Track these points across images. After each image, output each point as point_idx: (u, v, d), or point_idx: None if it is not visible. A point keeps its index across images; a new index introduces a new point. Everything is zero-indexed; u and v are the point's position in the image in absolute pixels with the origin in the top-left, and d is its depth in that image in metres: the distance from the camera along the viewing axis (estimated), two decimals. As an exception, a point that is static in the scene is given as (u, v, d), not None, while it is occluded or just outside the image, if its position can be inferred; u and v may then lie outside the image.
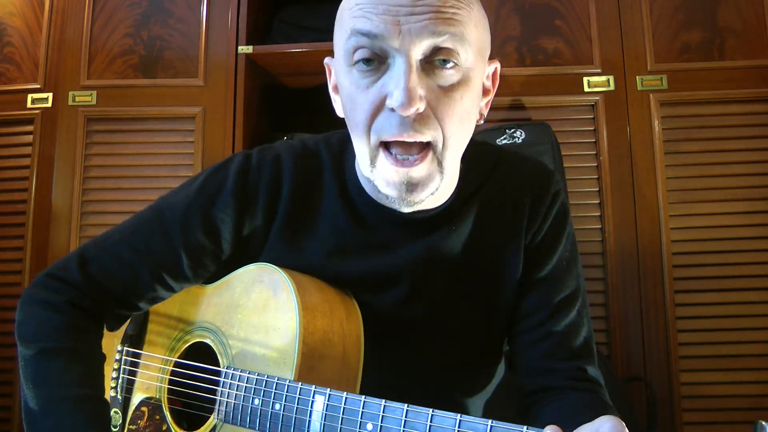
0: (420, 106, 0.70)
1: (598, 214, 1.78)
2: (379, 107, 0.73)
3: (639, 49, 1.83)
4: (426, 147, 0.74)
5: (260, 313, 0.82)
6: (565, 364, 0.86)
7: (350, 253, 0.87)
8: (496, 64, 0.82)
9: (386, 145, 0.74)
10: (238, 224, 0.87)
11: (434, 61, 0.72)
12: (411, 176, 0.74)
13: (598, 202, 1.79)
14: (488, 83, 0.83)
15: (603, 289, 1.75)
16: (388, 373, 0.86)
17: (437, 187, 0.77)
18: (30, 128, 1.94)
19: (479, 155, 0.88)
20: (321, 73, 2.22)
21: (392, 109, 0.71)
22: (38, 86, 1.96)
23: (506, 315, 0.91)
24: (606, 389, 0.88)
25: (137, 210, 0.91)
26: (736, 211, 1.74)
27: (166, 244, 0.86)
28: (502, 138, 1.78)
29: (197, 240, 0.86)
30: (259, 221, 0.87)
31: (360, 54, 0.72)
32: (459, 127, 0.75)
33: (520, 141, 1.76)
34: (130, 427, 0.94)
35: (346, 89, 0.76)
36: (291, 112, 2.19)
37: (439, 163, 0.75)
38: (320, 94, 2.08)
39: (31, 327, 0.84)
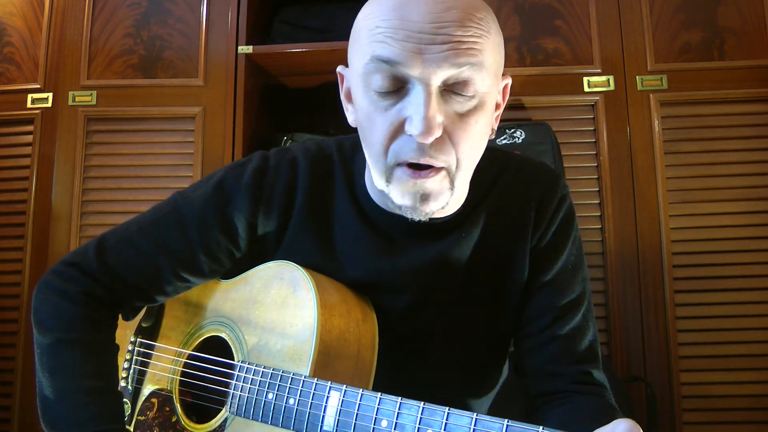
0: (438, 133, 0.71)
1: (598, 214, 1.78)
2: (397, 130, 0.74)
3: (639, 49, 1.83)
4: (441, 168, 0.75)
5: (278, 310, 0.83)
6: (570, 367, 0.87)
7: (362, 257, 0.88)
8: (508, 80, 0.83)
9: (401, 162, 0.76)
10: (253, 224, 0.88)
11: (452, 88, 0.72)
12: (425, 187, 0.75)
13: (598, 202, 1.79)
14: (499, 98, 0.83)
15: (603, 289, 1.75)
16: (396, 376, 0.86)
17: (447, 201, 0.78)
18: (30, 128, 1.94)
19: (487, 160, 0.88)
20: (321, 73, 2.22)
21: (410, 135, 0.72)
22: (38, 86, 1.96)
23: (512, 318, 0.91)
24: (611, 392, 0.89)
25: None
26: (736, 211, 1.74)
27: (182, 239, 0.87)
28: (502, 138, 1.78)
29: (213, 237, 0.87)
30: (274, 222, 0.88)
31: (378, 79, 0.73)
32: (472, 150, 0.76)
33: (520, 141, 1.76)
34: (139, 417, 0.95)
35: (363, 108, 0.76)
36: (291, 112, 2.19)
37: (451, 182, 0.76)
38: (320, 94, 2.09)
39: (47, 315, 0.85)
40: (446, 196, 0.77)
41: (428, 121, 0.70)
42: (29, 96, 1.96)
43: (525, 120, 1.83)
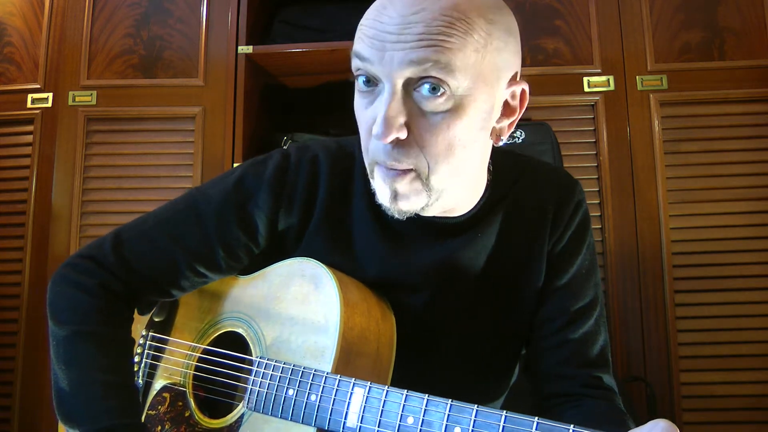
0: (400, 135, 0.71)
1: (598, 214, 1.78)
2: (370, 129, 0.74)
3: (639, 49, 1.83)
4: (409, 169, 0.75)
5: (299, 306, 0.83)
6: (581, 371, 0.87)
7: (377, 256, 0.88)
8: (523, 85, 0.80)
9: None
10: (274, 221, 0.88)
11: (421, 88, 0.71)
12: (395, 187, 0.75)
13: (598, 202, 1.79)
14: (514, 103, 0.80)
15: (603, 289, 1.75)
16: (409, 375, 0.86)
17: (426, 203, 0.77)
18: (30, 128, 1.94)
19: (505, 164, 0.88)
20: (321, 73, 2.22)
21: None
22: (38, 86, 1.96)
23: (526, 321, 0.92)
24: (619, 396, 0.89)
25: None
26: (736, 211, 1.74)
27: (201, 235, 0.87)
28: (502, 138, 1.78)
29: (232, 233, 0.87)
30: (295, 219, 0.88)
31: (359, 77, 0.74)
32: (448, 155, 0.73)
33: (520, 141, 1.76)
34: (149, 412, 0.94)
35: (355, 104, 0.78)
36: (291, 112, 2.19)
37: (424, 184, 0.75)
38: (320, 94, 2.09)
39: (63, 307, 0.85)
40: (422, 198, 0.76)
41: (386, 121, 0.70)
42: (29, 96, 1.96)
43: (525, 120, 1.83)
